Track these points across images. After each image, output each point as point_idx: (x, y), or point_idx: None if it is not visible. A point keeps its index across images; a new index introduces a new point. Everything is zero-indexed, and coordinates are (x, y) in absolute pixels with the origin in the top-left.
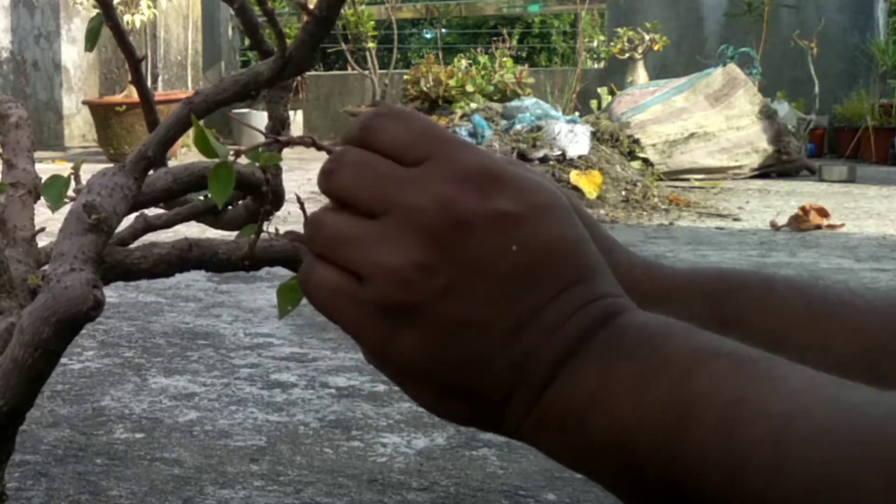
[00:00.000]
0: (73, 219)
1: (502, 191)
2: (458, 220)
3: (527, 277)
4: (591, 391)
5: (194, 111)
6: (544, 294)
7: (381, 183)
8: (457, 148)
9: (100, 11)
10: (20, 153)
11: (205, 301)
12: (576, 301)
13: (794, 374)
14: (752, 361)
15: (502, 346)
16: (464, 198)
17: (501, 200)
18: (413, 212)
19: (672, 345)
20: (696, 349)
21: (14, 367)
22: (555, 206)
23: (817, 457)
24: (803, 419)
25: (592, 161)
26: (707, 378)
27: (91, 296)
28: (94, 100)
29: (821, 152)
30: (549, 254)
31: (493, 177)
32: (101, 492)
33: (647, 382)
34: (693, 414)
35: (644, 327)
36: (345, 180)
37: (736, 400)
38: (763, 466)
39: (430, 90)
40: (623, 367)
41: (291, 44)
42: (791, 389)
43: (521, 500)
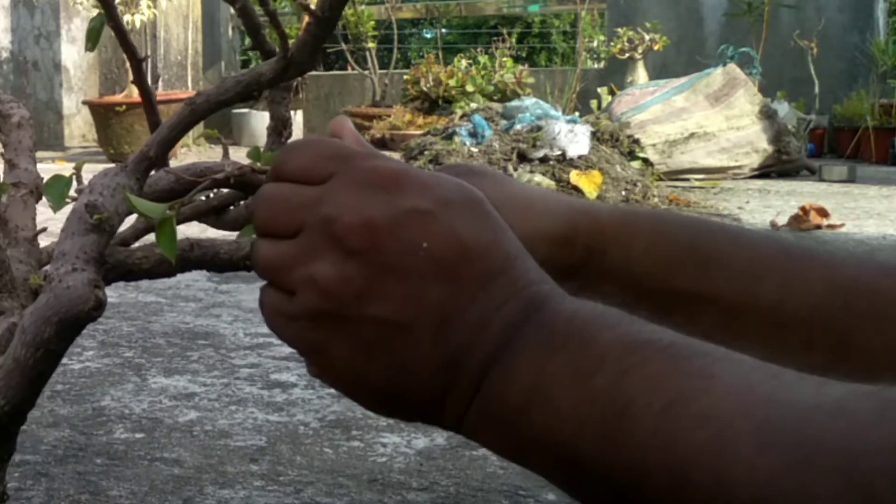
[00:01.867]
0: (75, 219)
1: (408, 190)
2: (365, 223)
3: (443, 274)
4: (527, 386)
5: (196, 111)
6: (465, 290)
7: (292, 206)
8: (360, 159)
9: (101, 11)
10: (22, 153)
11: (205, 301)
12: (500, 295)
13: (729, 369)
14: (686, 358)
15: (429, 347)
16: (369, 201)
17: (407, 199)
18: (323, 224)
19: (604, 339)
20: (630, 344)
21: (16, 366)
22: (464, 200)
23: (762, 464)
24: (743, 421)
25: (592, 161)
26: (643, 377)
27: (93, 296)
28: (94, 100)
29: (821, 152)
30: (463, 248)
31: (397, 178)
32: (101, 492)
33: (584, 379)
34: (631, 415)
35: (573, 318)
36: (263, 213)
37: (674, 401)
38: (707, 474)
39: (430, 90)
40: (557, 361)
41: (294, 44)
42: (728, 388)
43: (521, 500)
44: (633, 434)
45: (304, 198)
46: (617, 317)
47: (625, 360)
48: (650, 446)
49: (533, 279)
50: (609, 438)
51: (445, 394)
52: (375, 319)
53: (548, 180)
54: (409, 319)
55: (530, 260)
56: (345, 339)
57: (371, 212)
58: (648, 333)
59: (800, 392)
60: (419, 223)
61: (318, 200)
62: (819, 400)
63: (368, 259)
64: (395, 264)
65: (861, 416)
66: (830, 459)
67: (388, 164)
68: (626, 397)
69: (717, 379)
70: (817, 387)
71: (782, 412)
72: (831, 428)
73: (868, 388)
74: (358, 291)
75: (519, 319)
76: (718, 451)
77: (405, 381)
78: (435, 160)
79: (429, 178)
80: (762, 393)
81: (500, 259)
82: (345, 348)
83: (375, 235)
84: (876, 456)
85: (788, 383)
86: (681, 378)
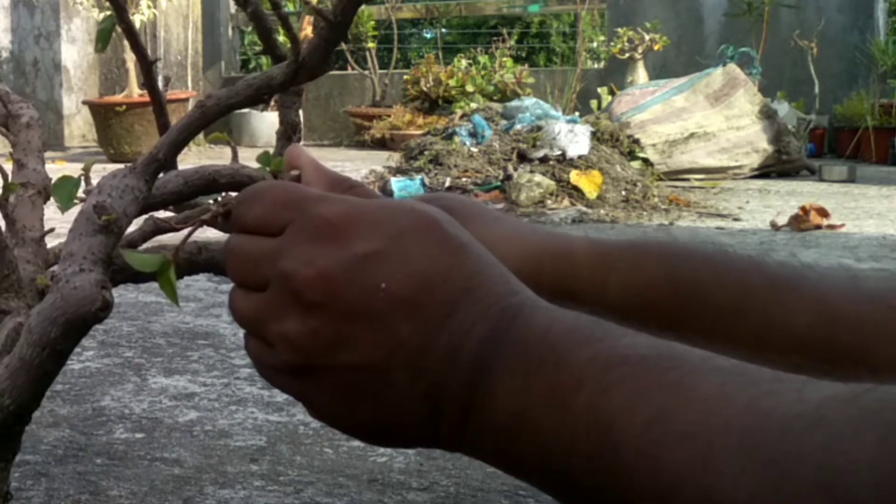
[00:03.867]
0: (84, 220)
1: (358, 233)
2: (320, 276)
3: (406, 311)
4: (511, 411)
5: (207, 114)
6: (431, 322)
7: (255, 260)
8: (311, 206)
9: (111, 13)
10: (31, 153)
11: (205, 301)
12: (467, 319)
13: (706, 379)
14: (662, 371)
15: (408, 383)
16: (322, 253)
17: (358, 243)
18: (285, 280)
19: (579, 357)
20: (605, 362)
21: (21, 366)
22: (417, 227)
23: (744, 482)
24: (724, 438)
25: (592, 161)
26: (622, 396)
27: (99, 296)
28: (94, 100)
29: (821, 152)
30: (421, 280)
31: (346, 223)
32: (101, 492)
33: (564, 402)
34: (614, 436)
35: (546, 335)
36: (231, 267)
37: (654, 419)
38: (695, 492)
39: (430, 90)
40: (535, 383)
41: (305, 48)
42: (706, 401)
43: (521, 500)
44: (618, 453)
45: (264, 251)
46: (588, 330)
47: (602, 378)
48: (636, 467)
49: (500, 293)
50: (596, 459)
51: (436, 421)
52: (349, 366)
53: (548, 180)
54: (382, 361)
55: (497, 270)
56: (326, 387)
57: (324, 263)
58: (622, 348)
59: (779, 400)
60: (373, 266)
61: (277, 254)
62: (798, 409)
63: (330, 310)
64: (358, 310)
65: (840, 428)
66: (811, 475)
67: (337, 209)
68: (608, 417)
69: (694, 392)
70: (797, 392)
71: (761, 424)
72: (811, 440)
73: (848, 393)
74: (327, 343)
75: (491, 341)
76: (702, 469)
77: (393, 418)
78: (435, 160)
79: (379, 214)
80: (740, 404)
81: (461, 281)
82: (328, 396)
83: (332, 286)
84: (856, 471)
85: (766, 391)
86: (658, 394)
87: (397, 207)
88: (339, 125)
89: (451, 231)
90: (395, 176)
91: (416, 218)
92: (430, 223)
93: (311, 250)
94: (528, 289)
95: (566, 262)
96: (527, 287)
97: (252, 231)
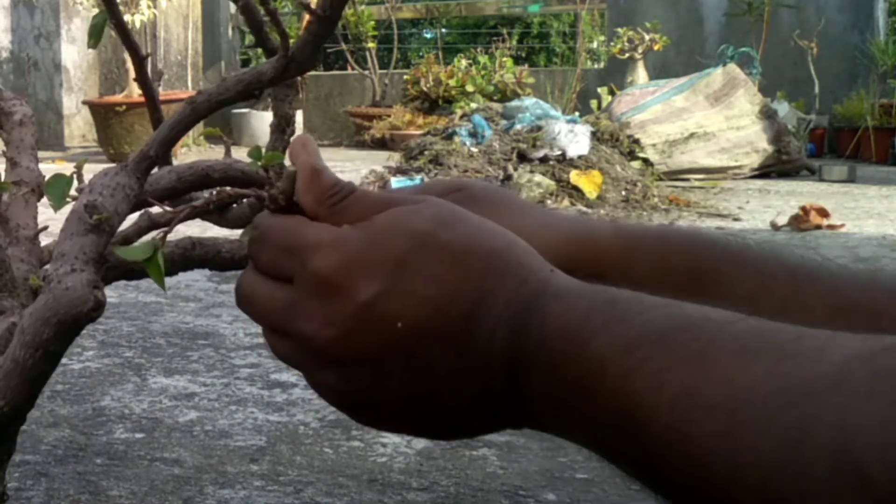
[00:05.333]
0: (75, 219)
1: (356, 280)
2: (341, 333)
3: (429, 339)
4: (550, 400)
5: (197, 110)
6: (457, 337)
7: (272, 311)
8: (308, 259)
9: (103, 9)
10: (24, 151)
11: (205, 301)
12: (487, 326)
13: (724, 347)
14: (680, 345)
15: (455, 399)
16: (332, 310)
17: (361, 291)
18: (308, 342)
19: (598, 344)
20: (625, 344)
21: (15, 367)
22: (412, 249)
23: (765, 447)
24: (746, 407)
25: (592, 161)
26: (645, 377)
27: (92, 297)
28: (94, 100)
29: (821, 152)
30: (433, 304)
31: (343, 274)
32: (101, 492)
33: (592, 392)
34: (642, 418)
35: (563, 326)
36: (249, 312)
37: (679, 396)
38: (722, 463)
39: (430, 90)
40: (563, 376)
41: (294, 43)
42: (726, 371)
43: (521, 500)
44: (648, 433)
45: (278, 304)
46: (604, 313)
47: (623, 362)
48: (666, 444)
49: (511, 289)
50: (630, 441)
51: (496, 419)
52: (395, 399)
53: (548, 180)
54: (423, 387)
55: (504, 260)
56: (384, 416)
57: (338, 319)
58: (639, 328)
59: (800, 362)
60: (382, 307)
61: (292, 311)
62: (820, 369)
63: (359, 359)
64: (384, 352)
65: (856, 388)
66: (826, 437)
67: (330, 261)
68: (634, 400)
69: (715, 363)
70: (819, 351)
71: (782, 387)
72: (828, 403)
73: (867, 352)
74: (368, 385)
75: (514, 343)
76: (727, 441)
77: (454, 425)
78: (435, 160)
79: (372, 251)
80: (761, 370)
81: (470, 293)
82: (389, 422)
83: (352, 340)
84: (866, 432)
85: (788, 353)
86: (680, 370)
87: (389, 231)
88: (339, 125)
89: (447, 237)
90: (395, 176)
91: (409, 238)
92: (424, 238)
93: (321, 308)
94: (541, 264)
95: (592, 252)
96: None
97: (264, 273)
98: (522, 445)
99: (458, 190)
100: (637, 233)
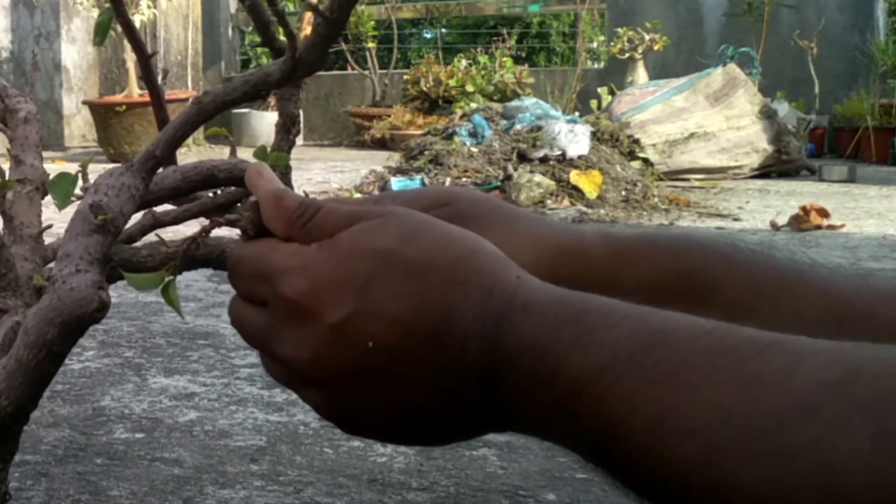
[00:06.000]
0: (80, 219)
1: (323, 304)
2: (314, 356)
3: (400, 356)
4: (532, 418)
5: (203, 111)
6: (428, 355)
7: (255, 335)
8: (276, 285)
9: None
10: (28, 149)
11: (205, 301)
12: (456, 343)
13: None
14: (652, 365)
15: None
16: (303, 333)
17: (329, 314)
18: (287, 364)
19: (569, 365)
20: (596, 367)
21: (19, 367)
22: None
23: (747, 478)
24: (722, 430)
25: (592, 161)
26: (619, 400)
27: (96, 297)
28: (94, 100)
29: (821, 152)
30: (401, 324)
31: (310, 298)
32: (101, 492)
33: (569, 412)
34: (621, 440)
35: (533, 343)
36: (240, 334)
37: (654, 419)
38: (704, 485)
39: (430, 90)
40: (538, 395)
41: (302, 45)
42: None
43: (521, 500)
44: (628, 454)
45: (259, 328)
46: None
47: (596, 385)
48: (645, 466)
49: (477, 308)
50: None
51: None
52: (384, 414)
53: (548, 180)
54: (410, 404)
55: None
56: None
57: (309, 343)
58: (609, 347)
59: (768, 384)
60: (352, 329)
61: (270, 336)
62: (788, 398)
63: (336, 380)
64: (360, 372)
65: (831, 419)
66: (807, 471)
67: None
68: (611, 423)
69: (687, 383)
70: (785, 372)
71: (755, 414)
72: (803, 433)
73: (838, 377)
74: (348, 404)
75: (485, 359)
76: (706, 465)
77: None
78: (435, 160)
79: (336, 273)
80: (733, 392)
81: (435, 308)
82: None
83: (326, 362)
84: (852, 470)
85: (753, 374)
86: (653, 391)
87: (353, 251)
88: (339, 125)
89: (409, 253)
90: (395, 176)
91: (372, 257)
92: (386, 257)
93: (292, 332)
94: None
95: (580, 261)
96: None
97: (244, 299)
98: (522, 445)
99: (447, 204)
100: (626, 241)
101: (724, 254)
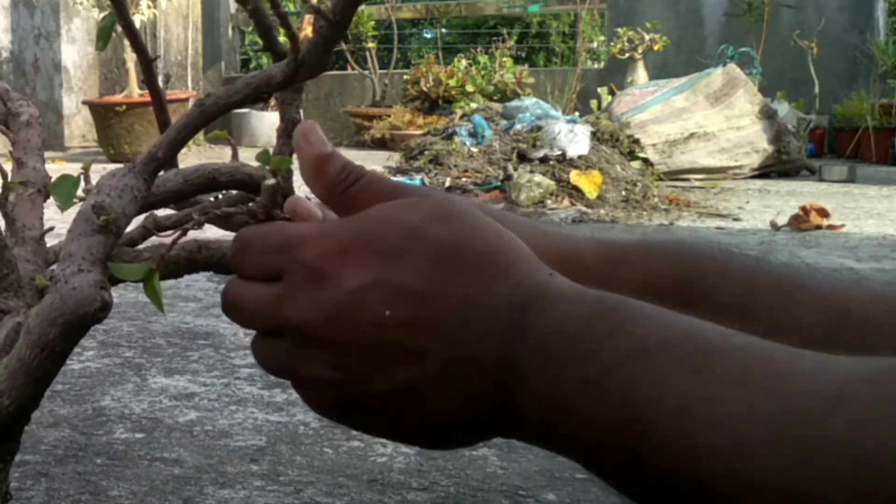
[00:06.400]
0: (82, 220)
1: (344, 269)
2: (329, 320)
3: (416, 330)
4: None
5: (206, 113)
6: (448, 332)
7: (259, 311)
8: (296, 252)
9: (111, 10)
10: (30, 152)
11: (205, 301)
12: (480, 327)
13: (726, 361)
14: (683, 356)
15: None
16: (321, 297)
17: (348, 279)
18: (298, 330)
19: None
20: (628, 352)
21: (20, 367)
22: (401, 244)
23: (775, 468)
24: (750, 422)
25: (592, 161)
26: (648, 386)
27: (98, 297)
28: (94, 100)
29: (821, 152)
30: (419, 297)
31: (331, 263)
32: (101, 492)
33: (593, 397)
34: (647, 428)
35: (566, 329)
36: (239, 319)
37: (682, 408)
38: (728, 476)
39: (430, 90)
40: (561, 379)
41: (304, 47)
42: (728, 386)
43: (521, 500)
44: (652, 442)
45: (267, 299)
46: (606, 313)
47: (625, 373)
48: (671, 456)
49: (505, 296)
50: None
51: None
52: (385, 392)
53: (548, 180)
54: (412, 382)
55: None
56: (372, 415)
57: (326, 306)
58: (639, 339)
59: (798, 381)
60: (370, 297)
61: (280, 302)
62: (818, 390)
63: (350, 346)
64: (374, 341)
65: (862, 410)
66: (837, 460)
67: (318, 250)
68: (638, 410)
69: (716, 376)
70: (818, 371)
71: (783, 408)
72: (832, 424)
73: (868, 372)
74: (359, 375)
75: (507, 346)
76: (733, 456)
77: (441, 429)
78: (435, 160)
79: (361, 240)
80: (761, 387)
81: (459, 291)
82: (377, 422)
83: (341, 326)
84: (884, 461)
85: (784, 371)
86: (682, 381)
87: (381, 222)
88: (339, 125)
89: (437, 233)
90: (395, 176)
91: (399, 230)
92: (412, 232)
93: (310, 296)
94: (538, 267)
95: (574, 266)
96: (538, 264)
97: (251, 279)
98: (522, 445)
99: None
100: (621, 247)
101: (720, 260)
